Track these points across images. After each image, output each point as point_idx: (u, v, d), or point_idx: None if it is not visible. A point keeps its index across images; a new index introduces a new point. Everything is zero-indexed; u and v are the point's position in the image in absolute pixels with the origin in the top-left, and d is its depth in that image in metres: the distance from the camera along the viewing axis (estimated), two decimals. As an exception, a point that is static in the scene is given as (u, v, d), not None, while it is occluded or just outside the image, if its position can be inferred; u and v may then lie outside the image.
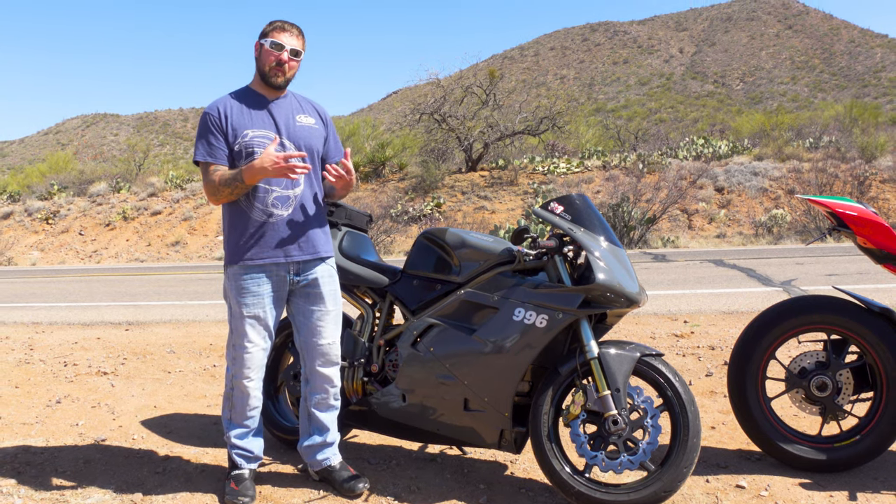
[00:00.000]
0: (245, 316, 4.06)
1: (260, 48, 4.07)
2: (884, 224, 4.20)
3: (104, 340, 9.08)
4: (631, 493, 3.75)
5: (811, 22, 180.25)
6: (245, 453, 4.24)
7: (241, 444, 4.23)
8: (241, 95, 4.13)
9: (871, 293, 9.31)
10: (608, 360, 3.84)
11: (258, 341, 4.12)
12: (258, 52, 4.09)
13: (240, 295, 4.04)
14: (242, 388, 4.14)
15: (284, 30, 4.09)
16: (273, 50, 4.04)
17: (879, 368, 4.24)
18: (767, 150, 30.35)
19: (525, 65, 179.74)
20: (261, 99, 4.13)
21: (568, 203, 4.09)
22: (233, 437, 4.23)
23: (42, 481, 4.48)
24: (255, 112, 4.09)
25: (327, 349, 4.24)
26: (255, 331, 4.09)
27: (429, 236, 4.46)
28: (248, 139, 4.01)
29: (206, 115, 4.03)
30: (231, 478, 4.20)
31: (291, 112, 4.20)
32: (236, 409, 4.20)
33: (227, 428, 4.26)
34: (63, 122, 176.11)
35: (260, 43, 4.07)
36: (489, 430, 4.12)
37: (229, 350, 4.18)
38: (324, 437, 4.31)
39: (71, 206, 34.01)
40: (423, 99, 33.68)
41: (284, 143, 4.09)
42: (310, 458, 4.34)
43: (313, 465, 4.34)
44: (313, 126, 4.26)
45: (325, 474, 4.30)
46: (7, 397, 6.51)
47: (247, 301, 4.04)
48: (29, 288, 16.39)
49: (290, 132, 4.13)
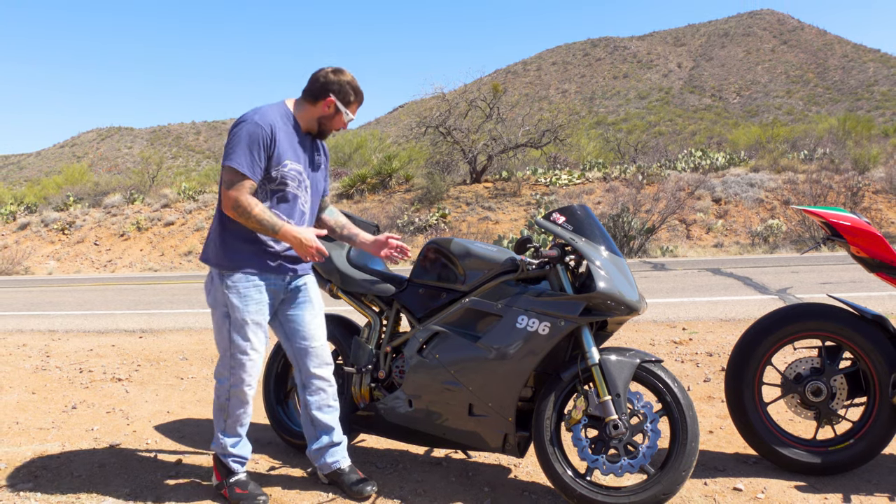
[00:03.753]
0: (249, 323, 4.02)
1: (335, 111, 4.06)
2: (876, 234, 4.21)
3: (118, 347, 9.09)
4: (631, 496, 3.75)
5: (806, 37, 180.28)
6: (240, 459, 4.24)
7: (235, 451, 4.22)
8: (284, 118, 4.02)
9: (865, 301, 9.31)
10: (609, 366, 3.84)
11: (259, 348, 4.11)
12: (332, 112, 4.07)
13: (243, 302, 4.00)
14: (241, 395, 4.12)
15: (360, 103, 4.17)
16: (345, 120, 4.09)
17: (872, 374, 4.24)
18: (763, 162, 30.33)
19: (528, 79, 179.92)
20: (299, 130, 4.08)
21: (569, 214, 4.10)
22: (228, 447, 4.21)
23: (58, 484, 4.48)
24: (295, 142, 4.03)
25: (321, 350, 4.27)
26: (257, 337, 4.07)
27: (434, 246, 4.46)
28: (287, 170, 3.96)
29: (256, 127, 3.85)
30: (232, 484, 4.18)
31: (313, 151, 4.19)
32: (231, 419, 4.18)
33: (221, 438, 4.22)
34: (79, 136, 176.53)
35: (338, 108, 4.05)
36: (493, 434, 4.12)
37: (225, 361, 4.10)
38: (331, 438, 4.30)
39: (86, 217, 34.07)
40: (429, 112, 33.72)
41: (305, 179, 4.10)
42: (319, 462, 4.32)
43: (323, 469, 4.33)
44: (323, 167, 4.29)
45: (335, 477, 4.29)
46: (24, 403, 6.52)
47: (250, 308, 4.01)
48: (45, 296, 16.40)
49: (311, 173, 4.15)
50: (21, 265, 28.11)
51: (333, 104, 4.03)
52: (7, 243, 32.66)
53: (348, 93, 4.06)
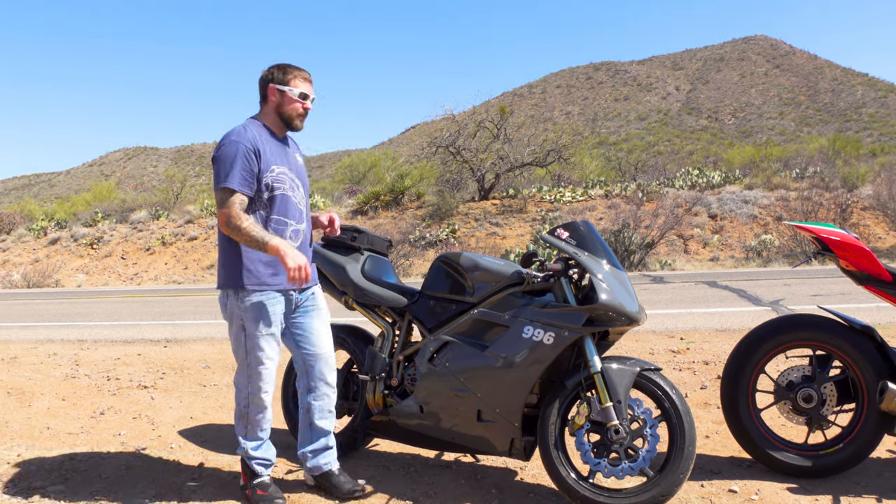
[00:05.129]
0: (264, 335, 4.03)
1: (280, 94, 4.06)
2: (865, 248, 4.21)
3: (144, 356, 9.11)
4: (632, 498, 3.76)
5: (797, 62, 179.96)
6: (264, 461, 4.24)
7: (258, 454, 4.22)
8: (258, 129, 4.03)
9: (854, 312, 9.26)
10: (610, 374, 3.85)
11: (273, 357, 4.12)
12: (277, 97, 4.06)
13: (259, 316, 4.01)
14: (259, 402, 4.13)
15: (307, 79, 4.13)
16: (299, 99, 4.06)
17: (861, 382, 4.24)
18: (757, 180, 30.31)
19: (533, 101, 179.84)
20: (274, 135, 4.11)
21: (573, 229, 4.11)
22: (250, 451, 4.21)
23: (87, 486, 4.50)
24: (276, 148, 4.07)
25: (329, 357, 4.30)
26: (271, 348, 4.08)
27: (445, 260, 4.48)
28: (276, 174, 3.98)
29: (239, 145, 3.87)
30: (255, 486, 4.19)
31: (292, 150, 4.24)
32: (251, 424, 4.19)
33: (244, 443, 4.23)
34: (106, 155, 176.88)
35: (279, 89, 4.05)
36: (500, 438, 4.13)
37: (242, 370, 4.12)
38: (326, 442, 4.34)
39: (114, 233, 34.17)
40: (440, 133, 33.80)
41: (294, 179, 4.12)
42: (311, 463, 4.33)
43: (313, 471, 4.33)
44: (302, 164, 4.32)
45: (324, 479, 4.31)
46: (55, 409, 6.54)
47: (263, 321, 4.02)
48: (75, 308, 16.44)
49: (296, 170, 4.17)
50: (52, 278, 28.18)
51: (275, 90, 4.05)
52: (38, 257, 32.76)
53: (280, 73, 4.07)
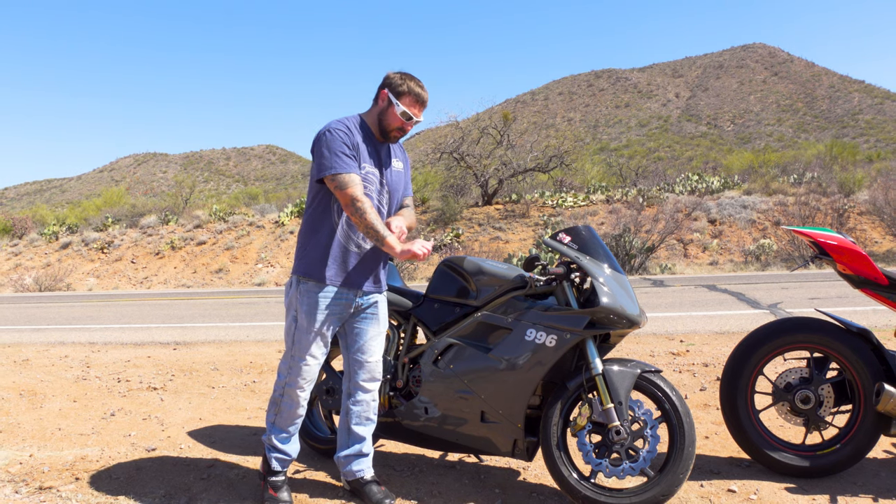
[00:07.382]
0: (313, 331, 3.97)
1: (389, 105, 3.93)
2: (861, 252, 4.21)
3: (154, 359, 9.13)
4: (633, 497, 3.75)
5: (795, 69, 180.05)
6: (283, 456, 4.17)
7: (281, 447, 4.16)
8: (359, 127, 3.95)
9: (850, 315, 9.28)
10: (611, 376, 3.85)
11: (318, 356, 4.05)
12: (385, 105, 3.95)
13: (312, 311, 3.94)
14: (294, 396, 4.07)
15: (419, 102, 3.98)
16: (403, 119, 3.94)
17: (857, 383, 4.24)
18: (755, 186, 30.35)
19: (536, 108, 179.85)
20: (372, 136, 4.01)
21: (575, 233, 4.11)
22: (274, 440, 4.15)
23: (98, 486, 4.50)
24: (370, 148, 3.98)
25: (374, 366, 4.20)
26: (317, 346, 4.02)
27: (449, 264, 4.47)
28: (365, 173, 3.91)
29: (337, 133, 3.82)
30: (268, 483, 4.15)
31: (390, 156, 4.12)
32: (282, 415, 4.13)
33: (270, 431, 4.18)
34: (117, 161, 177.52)
35: (391, 101, 3.92)
36: (504, 439, 4.13)
37: (286, 360, 4.06)
38: (361, 448, 4.24)
39: (124, 237, 34.21)
40: (444, 139, 33.87)
41: (384, 185, 4.05)
42: (345, 468, 4.27)
43: (347, 476, 4.27)
44: (401, 171, 4.21)
45: (357, 486, 4.23)
46: (66, 410, 6.55)
47: (317, 317, 3.95)
48: (86, 311, 16.46)
49: (388, 177, 4.07)
50: (63, 282, 28.22)
51: (387, 97, 3.94)
52: (50, 261, 32.81)
53: (400, 84, 3.93)
